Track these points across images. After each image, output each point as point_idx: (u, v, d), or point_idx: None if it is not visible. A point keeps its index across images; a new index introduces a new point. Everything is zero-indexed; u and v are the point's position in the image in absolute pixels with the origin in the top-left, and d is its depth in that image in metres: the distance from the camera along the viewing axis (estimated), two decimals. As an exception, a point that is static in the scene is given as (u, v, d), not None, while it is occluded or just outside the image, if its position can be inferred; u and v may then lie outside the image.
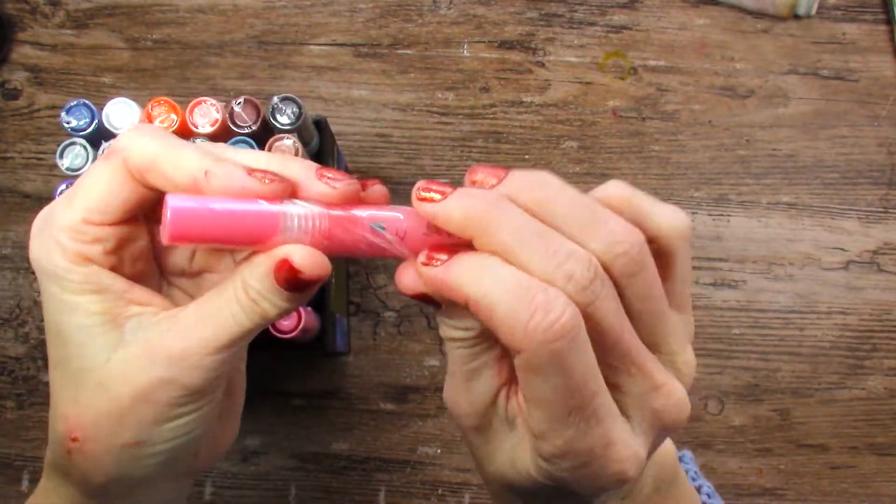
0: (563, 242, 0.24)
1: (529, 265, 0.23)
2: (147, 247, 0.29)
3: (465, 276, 0.24)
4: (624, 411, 0.25)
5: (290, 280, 0.25)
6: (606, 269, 0.24)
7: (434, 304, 0.26)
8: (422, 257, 0.25)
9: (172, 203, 0.24)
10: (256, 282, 0.26)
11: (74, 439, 0.27)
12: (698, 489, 0.32)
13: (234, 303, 0.26)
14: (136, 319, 0.27)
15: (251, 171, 0.25)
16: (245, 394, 0.33)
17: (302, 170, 0.26)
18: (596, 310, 0.24)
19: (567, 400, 0.24)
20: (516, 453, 0.26)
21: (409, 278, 0.26)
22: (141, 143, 0.26)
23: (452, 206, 0.24)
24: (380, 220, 0.26)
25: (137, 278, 0.28)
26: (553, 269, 0.23)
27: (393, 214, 0.26)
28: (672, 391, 0.26)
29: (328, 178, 0.26)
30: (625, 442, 0.25)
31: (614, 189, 0.26)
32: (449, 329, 0.26)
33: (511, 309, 0.23)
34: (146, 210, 0.28)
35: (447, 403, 0.28)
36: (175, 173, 0.25)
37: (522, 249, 0.24)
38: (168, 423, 0.27)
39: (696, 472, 0.33)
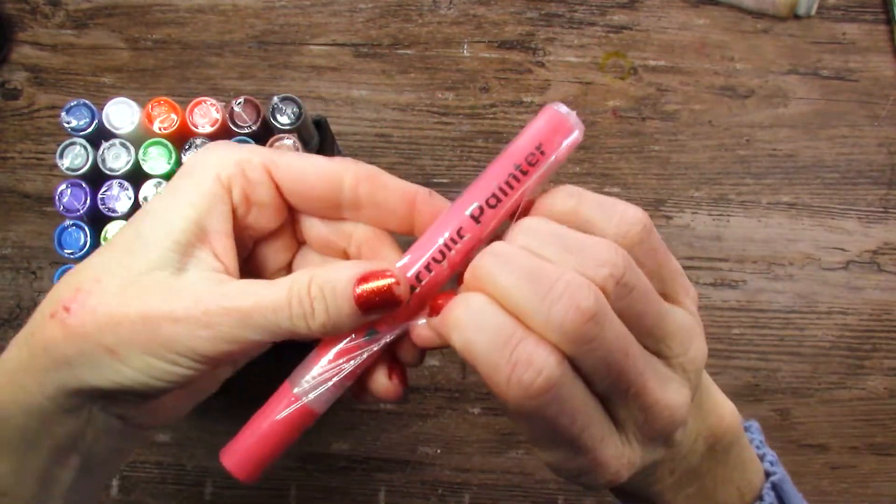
0: (553, 282, 0.23)
1: (519, 309, 0.23)
2: (274, 220, 0.29)
3: (451, 321, 0.24)
4: (616, 421, 0.25)
5: (374, 298, 0.25)
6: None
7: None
8: (424, 314, 0.26)
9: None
10: (325, 280, 0.26)
11: (67, 309, 0.27)
12: (761, 457, 0.32)
13: (284, 291, 0.26)
14: (196, 259, 0.27)
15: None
16: (215, 390, 0.33)
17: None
18: (592, 350, 0.23)
19: (553, 437, 0.24)
20: None
21: (419, 334, 0.27)
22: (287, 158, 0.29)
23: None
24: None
25: (241, 240, 0.29)
26: (544, 316, 0.23)
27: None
28: (665, 406, 0.25)
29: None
30: (616, 455, 0.25)
31: (560, 204, 0.26)
32: None
33: (491, 361, 0.23)
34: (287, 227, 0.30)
35: None
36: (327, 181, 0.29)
37: (511, 292, 0.23)
38: (151, 358, 0.26)
39: (760, 442, 0.33)
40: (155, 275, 0.26)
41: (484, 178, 0.27)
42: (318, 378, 0.27)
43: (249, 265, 0.31)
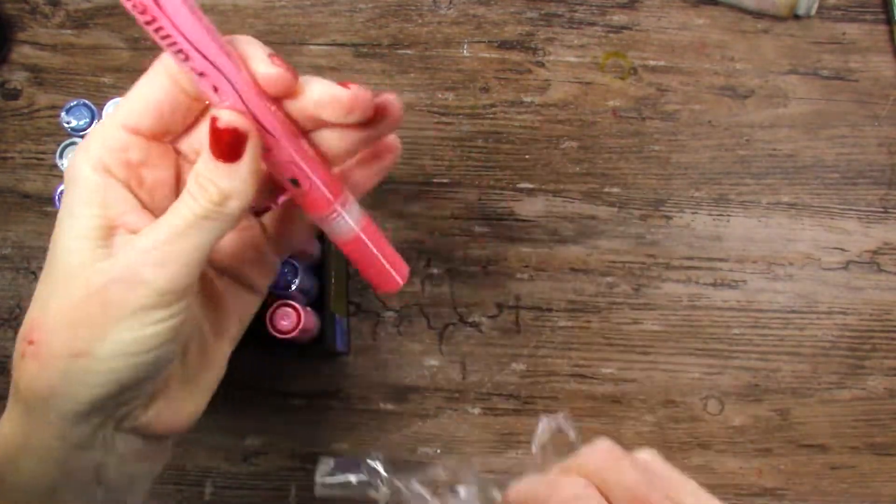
0: None
1: None
2: (171, 178, 0.30)
3: None
4: None
5: (219, 138, 0.26)
6: None
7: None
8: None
9: None
10: (200, 165, 0.27)
11: (31, 342, 0.27)
12: None
13: (186, 195, 0.27)
14: (122, 242, 0.28)
15: (273, 55, 0.28)
16: (220, 375, 0.33)
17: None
18: None
19: None
20: None
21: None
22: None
23: None
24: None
25: (152, 208, 0.29)
26: None
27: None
28: None
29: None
30: None
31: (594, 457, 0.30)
32: None
33: None
34: (180, 130, 0.30)
35: None
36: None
37: None
38: (116, 331, 0.26)
39: None
40: (88, 271, 0.27)
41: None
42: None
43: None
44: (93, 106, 0.44)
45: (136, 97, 0.29)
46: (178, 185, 0.30)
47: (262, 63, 0.27)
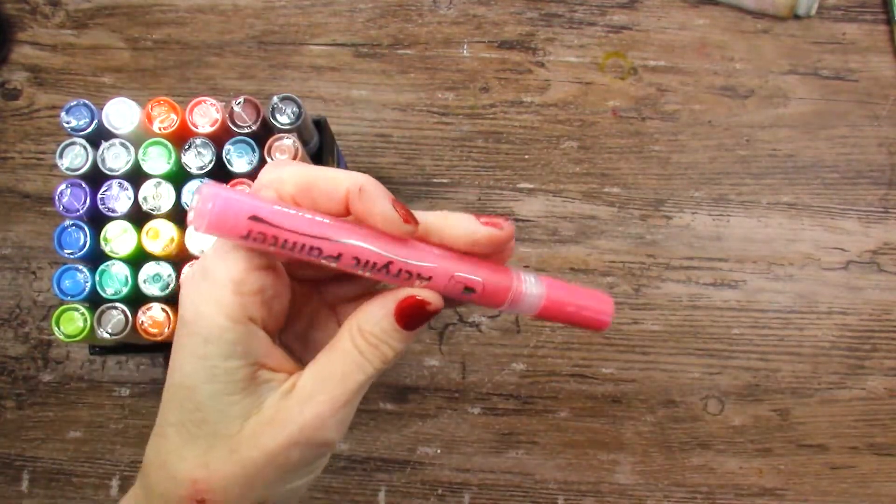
0: None
1: None
2: (288, 298, 0.29)
3: None
4: None
5: (415, 315, 0.27)
6: None
7: None
8: None
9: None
10: (374, 326, 0.27)
11: (201, 501, 0.27)
12: None
13: (354, 352, 0.27)
14: (267, 385, 0.27)
15: (395, 202, 0.26)
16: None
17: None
18: None
19: None
20: None
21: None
22: (290, 169, 0.27)
23: None
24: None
25: (275, 335, 0.28)
26: None
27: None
28: None
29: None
30: None
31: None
32: None
33: None
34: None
35: None
36: (331, 185, 0.26)
37: None
38: (292, 482, 0.28)
39: None
40: (245, 428, 0.27)
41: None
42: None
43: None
44: (93, 106, 0.44)
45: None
46: (290, 297, 0.29)
47: (391, 223, 0.26)
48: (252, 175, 0.43)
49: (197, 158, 0.43)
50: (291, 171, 0.27)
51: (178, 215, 0.44)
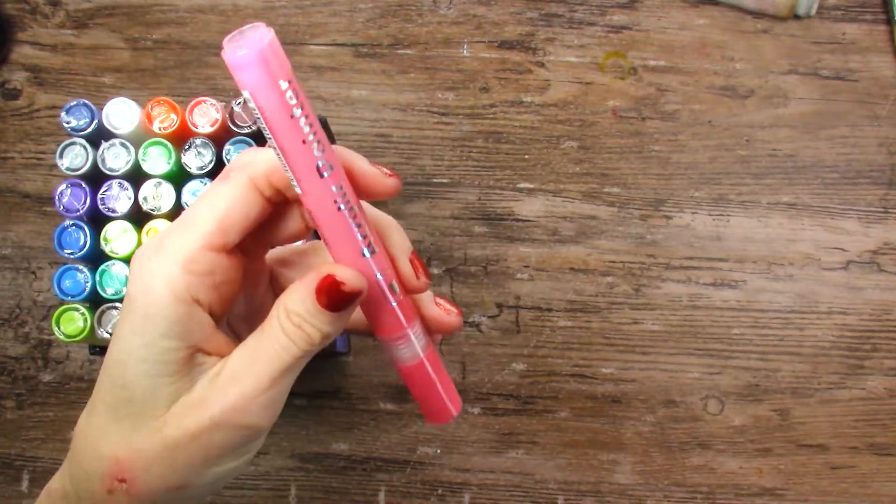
0: None
1: None
2: (238, 287, 0.28)
3: None
4: None
5: (333, 295, 0.26)
6: None
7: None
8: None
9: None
10: (298, 306, 0.26)
11: (122, 480, 0.27)
12: None
13: (279, 333, 0.26)
14: (200, 369, 0.27)
15: (373, 163, 0.27)
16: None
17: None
18: None
19: None
20: None
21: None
22: (261, 152, 0.27)
23: None
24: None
25: (220, 313, 0.28)
26: None
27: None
28: None
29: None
30: None
31: None
32: None
33: None
34: (253, 236, 0.28)
35: None
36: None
37: None
38: (217, 466, 0.27)
39: None
40: (172, 409, 0.26)
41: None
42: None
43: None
44: (93, 106, 0.44)
45: (218, 212, 0.26)
46: (242, 282, 0.29)
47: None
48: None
49: (197, 158, 0.43)
50: (265, 154, 0.27)
51: (178, 215, 0.44)
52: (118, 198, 0.43)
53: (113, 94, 0.55)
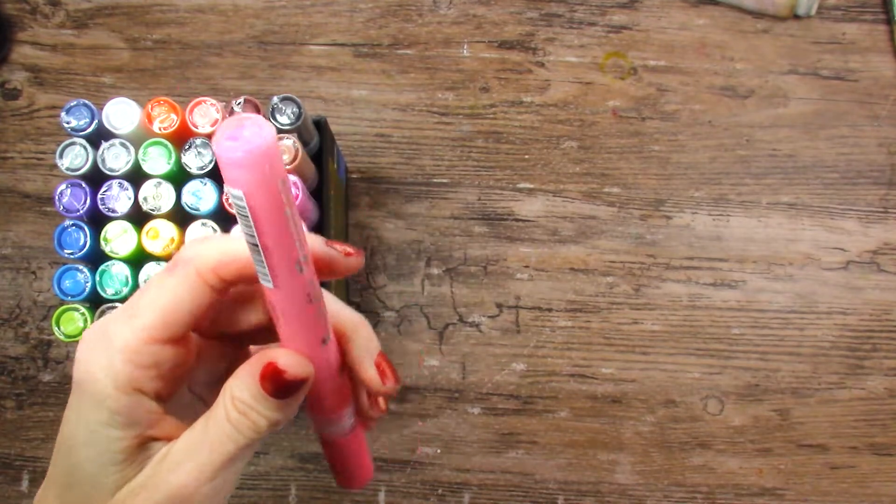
0: None
1: None
2: (191, 367, 0.27)
3: None
4: None
5: (276, 382, 0.24)
6: None
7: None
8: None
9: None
10: (243, 392, 0.25)
11: None
12: None
13: (224, 421, 0.25)
14: (147, 454, 0.26)
15: (329, 243, 0.26)
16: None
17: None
18: None
19: None
20: None
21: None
22: (210, 243, 0.26)
23: None
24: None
25: (171, 399, 0.27)
26: None
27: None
28: None
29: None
30: None
31: None
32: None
33: None
34: (203, 323, 0.27)
35: None
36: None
37: None
38: None
39: None
40: (117, 496, 0.25)
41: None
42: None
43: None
44: (93, 106, 0.44)
45: (162, 305, 0.25)
46: (198, 360, 0.28)
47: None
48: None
49: (197, 158, 0.43)
50: (214, 246, 0.25)
51: (178, 215, 0.44)
52: (118, 198, 0.43)
53: (113, 94, 0.55)
